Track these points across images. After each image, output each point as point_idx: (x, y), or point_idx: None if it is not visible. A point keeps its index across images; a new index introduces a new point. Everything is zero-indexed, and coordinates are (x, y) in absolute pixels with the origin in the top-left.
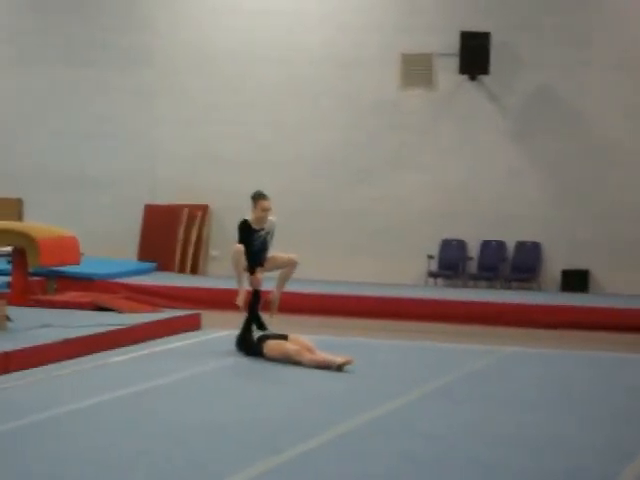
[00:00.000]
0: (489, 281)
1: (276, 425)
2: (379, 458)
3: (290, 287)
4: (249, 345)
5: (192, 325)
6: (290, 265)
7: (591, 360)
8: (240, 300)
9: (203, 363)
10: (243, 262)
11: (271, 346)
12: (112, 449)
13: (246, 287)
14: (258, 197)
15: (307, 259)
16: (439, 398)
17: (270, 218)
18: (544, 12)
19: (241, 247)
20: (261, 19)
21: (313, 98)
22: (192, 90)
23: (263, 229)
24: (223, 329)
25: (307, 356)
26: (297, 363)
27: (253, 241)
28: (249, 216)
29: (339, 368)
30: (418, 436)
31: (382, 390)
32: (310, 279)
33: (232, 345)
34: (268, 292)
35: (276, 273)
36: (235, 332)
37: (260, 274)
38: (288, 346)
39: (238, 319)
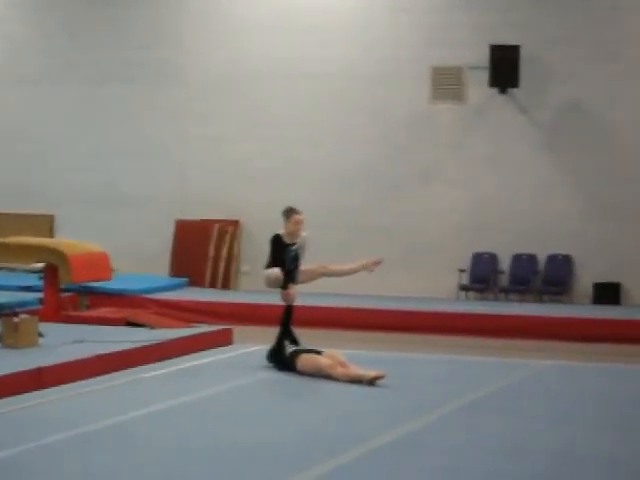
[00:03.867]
0: (521, 294)
1: (307, 441)
2: (412, 473)
3: (322, 301)
4: (281, 359)
5: (224, 340)
6: (323, 270)
7: (622, 373)
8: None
9: (235, 379)
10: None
11: (304, 360)
12: (145, 466)
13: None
14: (290, 211)
15: None
16: (471, 413)
17: (302, 233)
18: (574, 25)
19: (278, 273)
20: (292, 36)
21: (344, 113)
22: (223, 107)
23: (295, 244)
24: (255, 344)
25: (339, 370)
26: (329, 377)
27: (285, 256)
28: (281, 231)
29: (371, 382)
30: (451, 451)
31: (414, 405)
32: (342, 293)
33: (264, 360)
34: (301, 307)
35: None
36: (267, 347)
37: (293, 289)
38: (321, 360)
39: (270, 334)
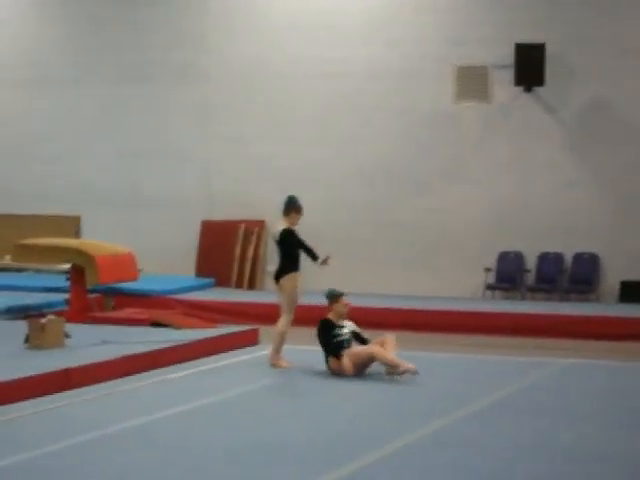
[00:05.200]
0: (547, 293)
1: (334, 440)
2: (437, 472)
3: (349, 301)
4: (326, 337)
5: (250, 340)
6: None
7: None
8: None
9: (261, 378)
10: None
11: (346, 366)
12: (169, 466)
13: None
14: (293, 208)
15: (364, 272)
16: (498, 411)
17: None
18: (599, 23)
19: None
20: (316, 35)
21: (368, 112)
22: (247, 106)
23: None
24: None
25: (378, 349)
26: (374, 360)
27: (296, 243)
28: (283, 225)
29: (400, 374)
30: (476, 450)
31: (440, 404)
32: (366, 292)
33: (289, 360)
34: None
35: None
36: (292, 346)
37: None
38: (360, 354)
39: (295, 335)
